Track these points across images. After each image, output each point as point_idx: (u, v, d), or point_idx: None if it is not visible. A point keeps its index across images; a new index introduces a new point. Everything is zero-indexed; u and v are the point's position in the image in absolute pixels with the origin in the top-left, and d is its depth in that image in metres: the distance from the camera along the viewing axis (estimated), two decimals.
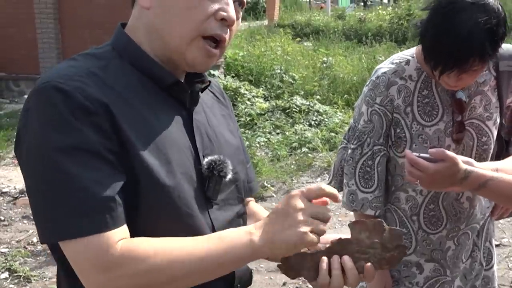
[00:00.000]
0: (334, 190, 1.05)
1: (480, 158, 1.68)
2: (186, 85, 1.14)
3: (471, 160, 1.51)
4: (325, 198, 1.07)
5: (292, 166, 6.06)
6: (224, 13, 1.06)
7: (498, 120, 1.75)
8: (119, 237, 0.97)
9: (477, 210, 1.79)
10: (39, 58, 9.37)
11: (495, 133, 1.72)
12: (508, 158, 1.71)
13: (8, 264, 3.93)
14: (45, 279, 3.80)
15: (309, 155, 6.25)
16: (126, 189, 0.99)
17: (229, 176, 1.14)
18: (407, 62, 1.70)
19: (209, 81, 1.23)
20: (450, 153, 1.43)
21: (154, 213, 1.03)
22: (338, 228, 4.58)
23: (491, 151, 1.72)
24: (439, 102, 1.68)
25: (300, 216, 1.01)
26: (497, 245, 4.14)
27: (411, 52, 1.73)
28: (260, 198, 5.29)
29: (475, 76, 1.56)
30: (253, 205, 1.37)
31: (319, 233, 1.02)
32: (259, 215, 1.33)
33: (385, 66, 1.73)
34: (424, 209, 1.72)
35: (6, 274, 3.84)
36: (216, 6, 1.06)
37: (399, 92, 1.67)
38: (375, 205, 1.72)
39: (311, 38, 13.14)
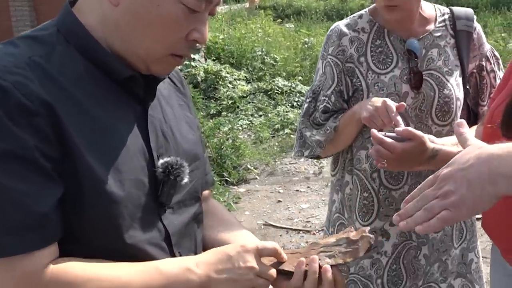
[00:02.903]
0: (284, 255, 1.07)
1: (442, 110, 1.66)
2: (141, 78, 1.02)
3: (432, 137, 1.50)
4: None
5: (275, 148, 6.03)
6: (198, 35, 0.99)
7: (460, 81, 1.73)
8: (49, 258, 0.89)
9: None
10: None
11: (457, 90, 1.70)
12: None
13: None
14: None
15: (292, 136, 6.22)
16: (67, 198, 0.90)
17: (185, 180, 1.06)
18: (360, 16, 1.76)
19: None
20: (417, 132, 1.41)
21: (96, 224, 0.93)
22: (322, 207, 4.57)
23: (454, 107, 1.69)
24: (392, 50, 1.69)
25: (246, 274, 1.00)
26: (479, 219, 4.15)
27: (366, 9, 1.78)
28: (243, 181, 5.26)
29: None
30: (213, 202, 1.30)
31: None
32: (220, 215, 1.28)
33: (339, 21, 1.79)
34: None
35: None
36: (191, 26, 0.98)
37: (352, 42, 1.71)
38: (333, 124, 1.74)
39: (292, 19, 13.06)
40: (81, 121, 0.92)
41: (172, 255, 1.05)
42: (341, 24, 1.74)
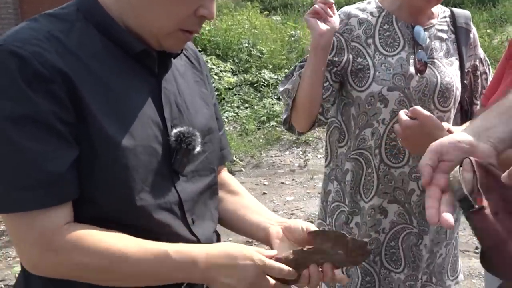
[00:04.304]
0: (285, 268, 1.08)
1: (443, 96, 1.72)
2: (156, 52, 1.09)
3: (449, 125, 1.51)
4: None
5: (261, 140, 6.04)
6: (205, 11, 1.04)
7: (459, 74, 1.78)
8: (64, 219, 0.95)
9: None
10: None
11: (457, 80, 1.76)
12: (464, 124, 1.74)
13: None
14: (9, 258, 3.73)
15: (278, 128, 6.23)
16: (82, 161, 0.96)
17: (198, 149, 1.12)
18: (369, 2, 1.82)
19: (181, 49, 1.19)
20: (423, 112, 1.43)
21: (108, 185, 0.99)
22: (307, 200, 4.60)
23: (454, 95, 1.75)
24: (400, 35, 1.75)
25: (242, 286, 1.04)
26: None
27: None
28: (229, 173, 5.26)
29: None
30: (224, 174, 1.35)
31: None
32: (231, 186, 1.34)
33: (347, 6, 1.82)
34: (386, 138, 1.73)
35: None
36: (199, 3, 1.03)
37: (360, 23, 1.75)
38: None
39: (279, 11, 13.02)
40: (96, 89, 0.98)
41: (184, 219, 1.10)
42: (350, 7, 1.79)
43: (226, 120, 6.52)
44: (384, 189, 1.75)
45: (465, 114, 1.85)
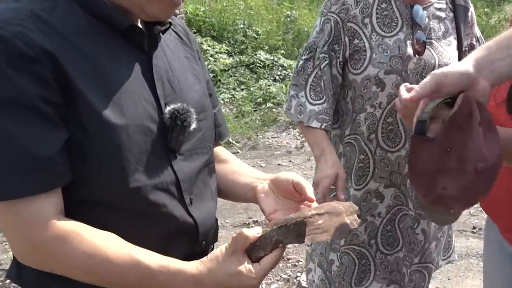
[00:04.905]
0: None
1: None
2: (144, 27, 1.05)
3: None
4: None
5: (257, 122, 6.02)
6: None
7: (456, 55, 1.75)
8: (54, 210, 0.91)
9: None
10: None
11: (455, 61, 1.73)
12: None
13: None
14: (4, 243, 3.72)
15: (274, 110, 6.21)
16: (72, 143, 0.92)
17: (193, 125, 1.08)
18: None
19: (170, 23, 1.15)
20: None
21: (100, 167, 0.95)
22: None
23: None
24: (398, 14, 1.71)
25: None
26: None
27: None
28: None
29: None
30: (216, 148, 1.32)
31: None
32: (221, 156, 1.32)
33: None
34: (382, 123, 1.71)
35: None
36: None
37: (357, 2, 1.70)
38: (321, 117, 1.71)
39: None
40: (84, 68, 0.94)
41: (182, 200, 1.07)
42: None
43: (222, 102, 6.49)
44: (380, 173, 1.74)
45: None
